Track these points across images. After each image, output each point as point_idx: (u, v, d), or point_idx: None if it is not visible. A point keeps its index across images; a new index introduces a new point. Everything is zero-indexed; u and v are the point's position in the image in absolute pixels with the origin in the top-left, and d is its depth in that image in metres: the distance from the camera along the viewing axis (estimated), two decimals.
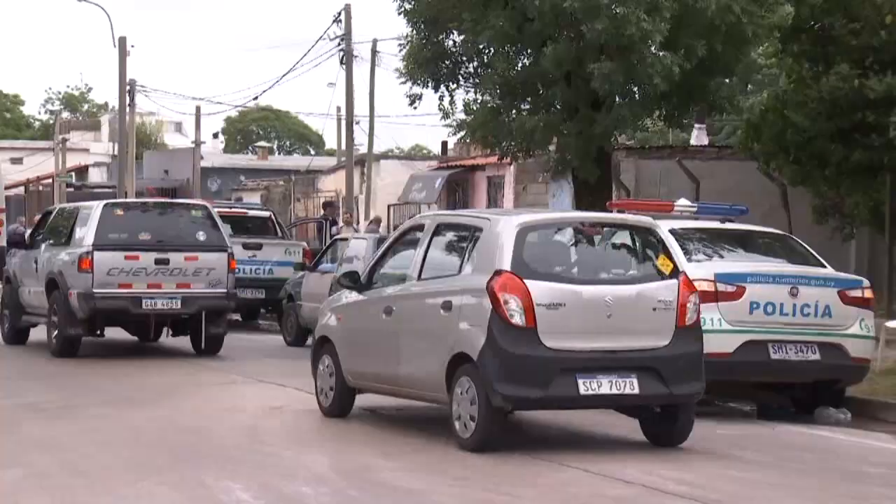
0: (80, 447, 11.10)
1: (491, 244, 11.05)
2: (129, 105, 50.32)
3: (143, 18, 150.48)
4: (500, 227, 11.11)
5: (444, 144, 55.26)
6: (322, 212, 33.37)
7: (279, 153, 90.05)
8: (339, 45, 40.66)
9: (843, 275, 14.55)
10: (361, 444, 11.30)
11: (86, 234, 18.23)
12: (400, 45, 22.47)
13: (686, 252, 14.01)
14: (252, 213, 27.03)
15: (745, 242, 14.83)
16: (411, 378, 11.71)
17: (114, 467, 10.12)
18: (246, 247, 24.18)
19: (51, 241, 19.48)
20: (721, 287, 13.36)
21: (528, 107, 21.11)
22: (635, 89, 20.41)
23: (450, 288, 11.28)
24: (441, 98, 21.60)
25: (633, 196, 25.64)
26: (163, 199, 24.73)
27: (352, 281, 12.73)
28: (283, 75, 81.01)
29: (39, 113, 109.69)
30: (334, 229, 28.90)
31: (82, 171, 76.28)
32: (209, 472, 9.87)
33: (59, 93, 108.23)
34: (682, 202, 15.85)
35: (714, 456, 11.06)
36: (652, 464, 10.43)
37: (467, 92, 21.82)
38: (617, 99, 20.48)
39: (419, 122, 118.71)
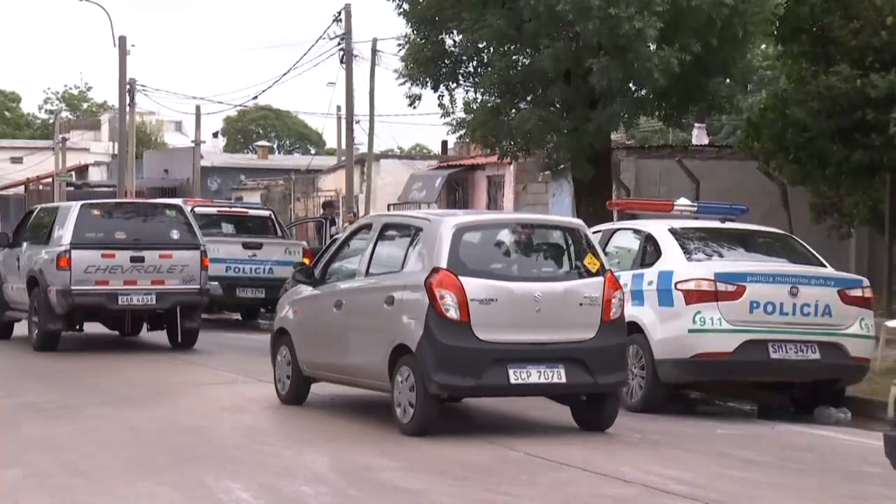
0: (80, 447, 11.10)
1: (430, 243, 11.89)
2: (129, 104, 50.34)
3: (143, 18, 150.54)
4: (438, 227, 11.94)
5: (444, 144, 55.27)
6: (322, 211, 33.36)
7: (279, 152, 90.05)
8: (339, 44, 40.68)
9: (843, 274, 14.55)
10: (361, 444, 11.30)
11: (64, 233, 18.88)
12: (399, 44, 22.50)
13: (686, 251, 14.03)
14: (252, 212, 27.01)
15: (746, 242, 14.83)
16: (358, 367, 12.56)
17: (114, 467, 10.11)
18: (246, 246, 24.18)
19: (32, 240, 20.09)
20: (721, 286, 13.36)
21: (527, 105, 21.11)
22: (633, 88, 20.40)
23: (392, 283, 12.13)
24: (441, 98, 21.62)
25: (632, 195, 25.65)
26: (138, 200, 25.94)
27: (306, 276, 13.61)
28: (284, 75, 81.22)
29: (40, 111, 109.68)
30: (333, 229, 28.88)
31: (82, 170, 76.27)
32: (209, 472, 9.87)
33: (58, 92, 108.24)
34: (682, 201, 15.87)
35: (714, 456, 11.06)
36: (652, 463, 10.43)
37: (467, 91, 21.85)
38: (617, 99, 20.48)
39: (419, 121, 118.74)
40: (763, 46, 22.63)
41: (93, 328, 20.42)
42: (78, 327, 19.89)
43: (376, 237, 12.81)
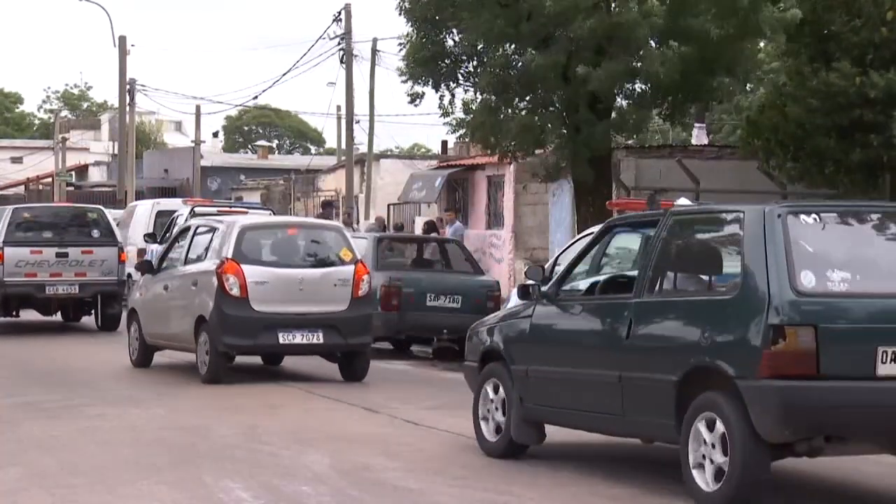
0: (81, 447, 11.10)
1: (222, 240, 15.85)
2: (129, 104, 50.35)
3: (143, 18, 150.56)
4: (228, 228, 15.97)
5: (444, 144, 55.24)
6: (321, 211, 33.33)
7: (279, 152, 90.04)
8: (339, 44, 40.72)
9: None
10: (361, 443, 11.30)
11: None
12: (400, 44, 22.52)
13: None
14: (252, 212, 26.99)
15: None
16: (177, 334, 16.38)
17: (114, 467, 10.11)
18: None
19: None
20: None
21: (526, 106, 21.10)
22: (637, 88, 20.39)
23: (197, 270, 16.16)
24: (441, 97, 21.62)
25: (632, 195, 25.63)
26: (64, 204, 30.99)
27: (147, 267, 18.01)
28: (284, 74, 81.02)
29: (39, 111, 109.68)
30: None
31: (82, 170, 76.25)
32: (209, 471, 9.87)
33: (58, 92, 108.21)
34: (682, 201, 15.83)
35: None
36: (652, 463, 10.43)
37: (466, 91, 21.84)
38: (618, 100, 20.49)
39: (419, 121, 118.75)
40: (762, 44, 22.55)
41: (91, 326, 22.84)
42: (14, 314, 23.27)
43: (192, 235, 16.91)
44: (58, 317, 24.03)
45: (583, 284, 10.69)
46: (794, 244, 8.50)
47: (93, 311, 23.19)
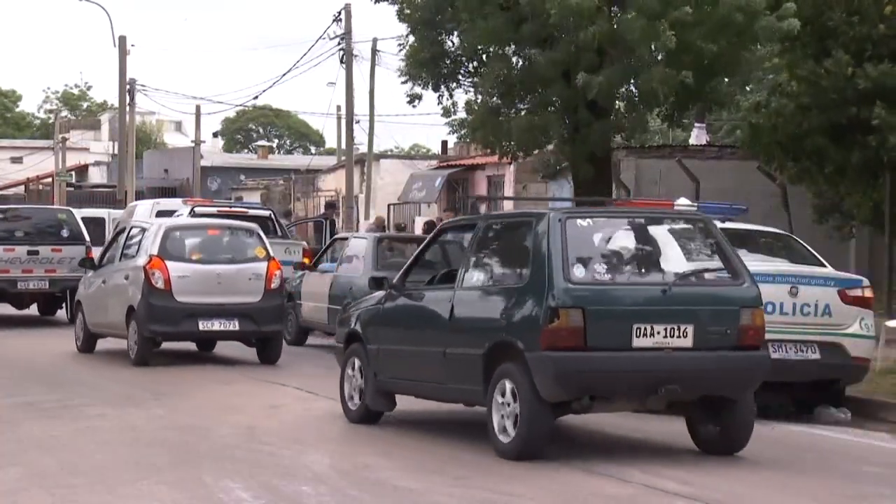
0: (80, 447, 11.10)
1: (149, 239, 17.88)
2: (129, 104, 50.34)
3: (143, 18, 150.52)
4: (155, 228, 18.08)
5: (444, 144, 55.28)
6: (323, 211, 33.32)
7: (279, 152, 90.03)
8: (339, 44, 40.69)
9: (843, 274, 14.53)
10: (361, 443, 11.30)
11: None
12: (400, 44, 22.50)
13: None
14: (252, 212, 26.98)
15: (746, 242, 14.77)
16: (112, 323, 18.27)
17: (114, 467, 10.11)
18: None
19: None
20: None
21: (526, 106, 21.08)
22: (635, 91, 20.36)
23: (129, 266, 18.14)
24: (441, 97, 21.60)
25: (632, 195, 25.63)
26: (36, 206, 32.92)
27: (90, 265, 19.89)
28: (284, 74, 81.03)
29: (39, 111, 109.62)
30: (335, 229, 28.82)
31: (82, 170, 76.23)
32: (209, 471, 9.87)
33: (58, 92, 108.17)
34: (682, 201, 15.82)
35: (714, 456, 11.04)
36: (651, 463, 10.43)
37: (467, 92, 21.83)
38: (617, 103, 20.47)
39: (419, 121, 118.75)
40: (767, 48, 22.50)
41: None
42: None
43: (126, 235, 18.90)
44: (34, 310, 25.62)
45: (429, 276, 12.43)
46: (570, 243, 10.41)
47: (64, 305, 24.48)
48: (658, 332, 10.30)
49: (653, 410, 10.99)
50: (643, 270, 10.79)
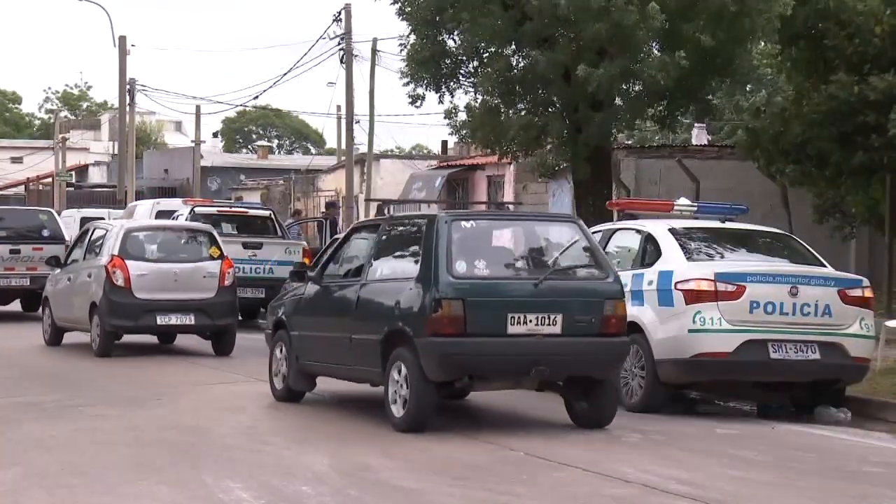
0: (80, 447, 11.10)
1: (111, 240, 19.13)
2: (129, 104, 50.34)
3: (143, 18, 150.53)
4: (116, 229, 19.40)
5: (444, 144, 55.30)
6: (324, 211, 33.28)
7: (279, 152, 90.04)
8: (339, 44, 40.72)
9: (843, 274, 14.52)
10: (361, 443, 11.30)
11: None
12: (400, 44, 22.47)
13: (686, 251, 14.01)
14: (252, 212, 27.01)
15: (746, 242, 14.81)
16: (77, 318, 19.45)
17: (114, 467, 10.11)
18: (246, 246, 24.15)
19: None
20: (721, 286, 13.34)
21: (526, 106, 21.08)
22: (635, 88, 20.36)
23: (91, 265, 19.37)
24: (441, 97, 21.59)
25: (632, 195, 25.63)
26: (17, 207, 34.23)
27: (56, 262, 21.08)
28: (284, 74, 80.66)
29: (39, 111, 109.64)
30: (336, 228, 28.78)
31: (82, 170, 76.29)
32: (209, 471, 9.87)
33: (58, 92, 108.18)
34: (682, 201, 15.85)
35: (714, 456, 11.06)
36: (652, 463, 10.43)
37: (467, 92, 21.81)
38: (617, 100, 20.46)
39: (419, 121, 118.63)
40: (762, 45, 22.47)
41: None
42: None
43: (90, 235, 20.20)
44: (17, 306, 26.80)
45: (341, 270, 13.60)
46: (454, 242, 11.71)
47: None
48: (530, 321, 11.59)
49: (529, 388, 12.34)
50: (518, 267, 12.18)
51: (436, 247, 11.66)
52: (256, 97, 68.39)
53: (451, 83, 21.54)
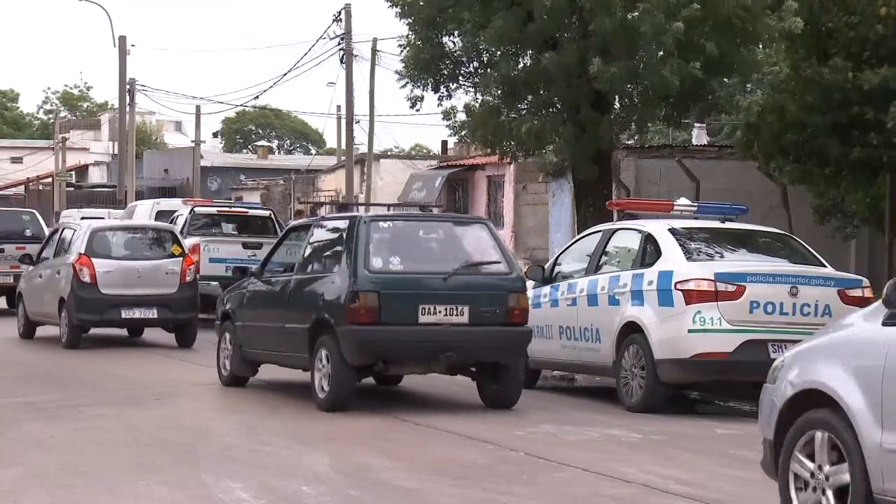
0: (80, 447, 11.10)
1: (78, 239, 20.27)
2: (129, 104, 50.33)
3: (143, 18, 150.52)
4: (83, 229, 20.50)
5: (444, 144, 55.26)
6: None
7: (279, 152, 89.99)
8: (339, 44, 40.71)
9: (843, 274, 14.52)
10: (361, 443, 11.30)
11: None
12: (400, 45, 22.43)
13: (686, 251, 14.00)
14: (252, 212, 27.03)
15: (746, 242, 14.81)
16: (48, 312, 20.61)
17: (114, 467, 10.11)
18: (246, 246, 24.17)
19: None
20: (721, 286, 13.34)
21: (528, 106, 21.04)
22: (640, 89, 20.32)
23: (60, 263, 20.48)
24: (441, 98, 21.56)
25: (632, 195, 25.62)
26: (1, 209, 34.54)
27: (29, 260, 22.18)
28: (284, 74, 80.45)
29: (39, 111, 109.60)
30: None
31: (82, 170, 76.32)
32: (209, 471, 9.87)
33: (58, 92, 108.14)
34: (682, 201, 15.84)
35: (714, 456, 11.06)
36: (652, 463, 10.43)
37: (467, 92, 21.77)
38: (618, 99, 20.43)
39: (419, 121, 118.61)
40: (772, 49, 22.44)
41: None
42: None
43: (59, 234, 21.53)
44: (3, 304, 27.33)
45: (278, 266, 14.84)
46: (372, 241, 13.04)
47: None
48: (440, 311, 12.87)
49: (439, 372, 13.40)
50: (430, 262, 13.40)
51: (356, 245, 12.96)
52: (256, 97, 68.42)
53: (451, 84, 21.49)
